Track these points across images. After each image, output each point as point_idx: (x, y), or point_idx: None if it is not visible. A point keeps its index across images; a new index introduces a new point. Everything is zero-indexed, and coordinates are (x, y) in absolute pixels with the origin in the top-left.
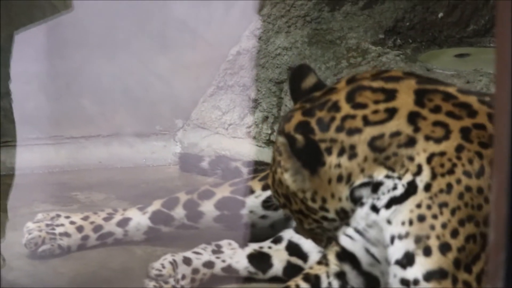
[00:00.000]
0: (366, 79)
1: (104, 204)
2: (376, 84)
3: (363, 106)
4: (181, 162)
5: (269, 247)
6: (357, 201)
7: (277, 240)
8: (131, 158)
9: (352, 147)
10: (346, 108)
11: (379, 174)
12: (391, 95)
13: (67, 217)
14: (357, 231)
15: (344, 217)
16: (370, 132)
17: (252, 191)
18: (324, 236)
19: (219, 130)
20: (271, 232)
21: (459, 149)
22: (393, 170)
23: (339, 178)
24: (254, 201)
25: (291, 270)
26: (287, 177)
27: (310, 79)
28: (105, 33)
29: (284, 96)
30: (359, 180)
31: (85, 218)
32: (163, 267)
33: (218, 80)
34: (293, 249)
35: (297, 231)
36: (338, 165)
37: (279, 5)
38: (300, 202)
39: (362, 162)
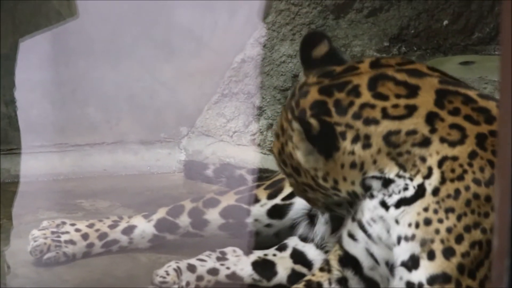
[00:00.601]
0: (391, 67)
1: (108, 212)
2: (400, 76)
3: (384, 97)
4: (186, 169)
5: (274, 255)
6: (366, 190)
7: (282, 248)
8: (136, 166)
9: (367, 137)
10: (366, 96)
11: (391, 171)
12: (413, 91)
13: (73, 225)
14: (361, 226)
15: (355, 197)
16: (387, 125)
17: (257, 200)
18: (322, 203)
19: (224, 138)
20: (276, 241)
21: (472, 155)
22: (404, 169)
23: (353, 165)
24: (260, 210)
25: (295, 278)
26: (299, 155)
27: (322, 47)
28: (110, 41)
29: None
30: (371, 171)
31: (90, 226)
32: (168, 274)
33: (223, 87)
34: (298, 257)
35: (302, 238)
36: (352, 152)
37: (284, 13)
38: (310, 178)
39: (375, 154)
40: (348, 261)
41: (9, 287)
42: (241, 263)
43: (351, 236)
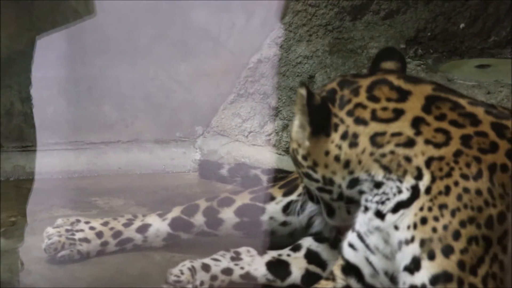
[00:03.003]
0: (395, 74)
1: (123, 210)
2: (397, 82)
3: (376, 100)
4: (201, 169)
5: (288, 255)
6: (354, 187)
7: (296, 248)
8: (151, 165)
9: (355, 136)
10: (362, 96)
11: (377, 173)
12: (403, 96)
13: (87, 223)
14: (359, 236)
15: (329, 183)
16: (374, 127)
17: (272, 198)
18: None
19: (239, 138)
20: (291, 241)
21: (457, 154)
22: (389, 170)
23: (337, 158)
24: (275, 207)
25: (309, 278)
26: (294, 125)
27: (390, 64)
28: (127, 39)
29: None
30: (357, 171)
31: (105, 224)
32: (182, 273)
33: (239, 87)
34: (312, 257)
35: (316, 238)
36: (339, 147)
37: (301, 14)
38: (292, 150)
39: (360, 154)
40: (351, 269)
41: (22, 284)
42: (255, 263)
43: (351, 246)
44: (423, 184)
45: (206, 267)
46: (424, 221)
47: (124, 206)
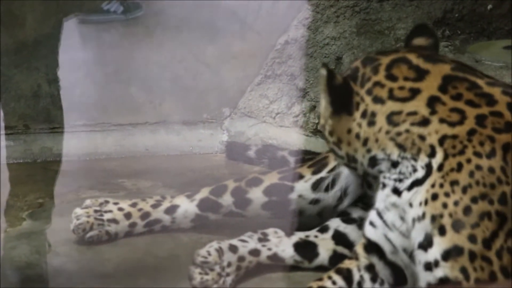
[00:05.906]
0: (416, 52)
1: (150, 192)
2: (416, 61)
3: (394, 78)
4: (228, 150)
5: (315, 236)
6: (374, 166)
7: (324, 229)
8: (178, 146)
9: (373, 114)
10: (381, 75)
11: (393, 152)
12: (421, 75)
13: (116, 204)
14: (378, 213)
15: (353, 161)
16: (391, 106)
17: (301, 176)
18: None
19: (266, 119)
20: (320, 221)
21: (471, 132)
22: (404, 149)
23: (357, 136)
24: (304, 185)
25: (337, 259)
26: (321, 102)
27: (421, 40)
28: (154, 21)
29: None
30: (374, 149)
31: (133, 205)
32: (209, 254)
33: (266, 69)
34: (340, 238)
35: (344, 219)
36: (359, 125)
37: None
38: (321, 126)
39: (377, 132)
40: (372, 248)
41: (50, 265)
42: (283, 245)
43: (372, 223)
44: (435, 162)
45: (233, 248)
46: (435, 197)
47: (151, 187)
